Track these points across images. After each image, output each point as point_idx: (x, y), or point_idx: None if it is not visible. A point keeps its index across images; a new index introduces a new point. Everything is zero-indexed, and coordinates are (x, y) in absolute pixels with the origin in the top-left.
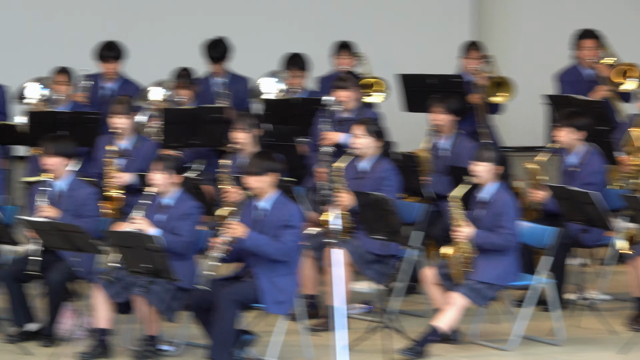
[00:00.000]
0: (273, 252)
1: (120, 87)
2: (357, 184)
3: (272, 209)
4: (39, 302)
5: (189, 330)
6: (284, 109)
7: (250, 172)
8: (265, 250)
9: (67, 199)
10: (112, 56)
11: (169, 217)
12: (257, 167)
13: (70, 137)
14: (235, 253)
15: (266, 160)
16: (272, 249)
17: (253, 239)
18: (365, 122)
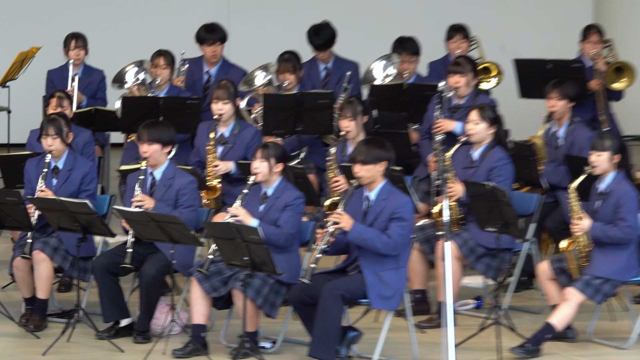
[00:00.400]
0: (379, 246)
1: (223, 71)
2: (468, 173)
3: (381, 200)
4: (132, 297)
5: (290, 327)
6: (393, 95)
7: (360, 160)
8: (371, 244)
9: (164, 188)
10: (214, 38)
11: (271, 208)
12: (367, 155)
13: (168, 123)
14: (339, 245)
15: (377, 148)
16: (379, 243)
17: (357, 231)
18: (481, 109)
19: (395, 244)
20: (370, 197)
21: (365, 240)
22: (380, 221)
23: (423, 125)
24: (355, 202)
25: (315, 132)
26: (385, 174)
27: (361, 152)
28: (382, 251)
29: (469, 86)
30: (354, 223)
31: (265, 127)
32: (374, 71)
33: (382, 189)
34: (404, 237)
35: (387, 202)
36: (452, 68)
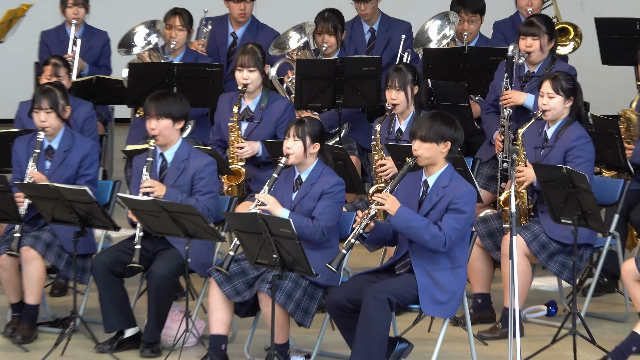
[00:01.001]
0: (427, 237)
1: (250, 32)
2: (541, 155)
3: (440, 187)
4: (139, 302)
5: (327, 337)
6: (451, 61)
7: (420, 136)
8: (418, 234)
9: (176, 172)
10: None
11: (305, 196)
12: (429, 131)
13: (182, 95)
14: (381, 232)
15: (443, 124)
16: (427, 234)
17: (402, 217)
18: (557, 78)
19: (446, 238)
20: (429, 182)
21: (412, 228)
22: (437, 211)
23: (487, 97)
24: (409, 187)
25: (358, 105)
26: (449, 157)
27: (423, 127)
28: (430, 245)
29: (543, 51)
30: (400, 207)
31: (299, 99)
32: (428, 32)
33: (442, 174)
34: (459, 232)
35: (447, 190)
36: (524, 29)
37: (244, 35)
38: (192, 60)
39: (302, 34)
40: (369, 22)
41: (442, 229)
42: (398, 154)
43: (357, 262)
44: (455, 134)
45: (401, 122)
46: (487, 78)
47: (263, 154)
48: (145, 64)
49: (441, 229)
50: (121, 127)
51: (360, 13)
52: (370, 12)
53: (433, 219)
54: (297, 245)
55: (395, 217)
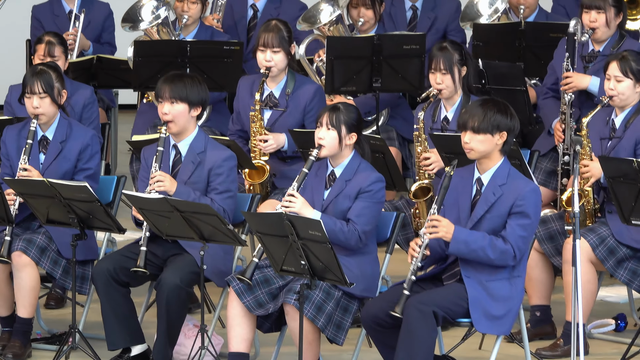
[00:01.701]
0: (494, 256)
1: (273, 4)
2: (608, 146)
3: (497, 185)
4: (147, 315)
5: (363, 356)
6: (506, 38)
7: (472, 127)
8: (482, 255)
9: (191, 165)
10: None
11: (340, 195)
12: (483, 120)
13: (199, 77)
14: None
15: (497, 112)
16: (492, 252)
17: (461, 241)
18: (626, 59)
19: (515, 250)
20: (483, 180)
21: (474, 251)
22: (496, 216)
23: (545, 79)
24: (458, 187)
25: (398, 89)
26: (504, 150)
27: (475, 116)
28: (497, 263)
29: (609, 26)
30: (456, 229)
31: (331, 82)
32: (478, 5)
33: (498, 170)
34: (527, 240)
35: (505, 190)
36: (588, 2)
37: (266, 6)
38: (207, 37)
39: (335, 6)
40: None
41: (509, 240)
42: (444, 145)
43: (398, 270)
44: (511, 122)
45: (447, 109)
46: (547, 58)
47: (289, 147)
48: (154, 42)
49: (506, 240)
50: (126, 115)
51: None
52: None
53: (490, 224)
54: (328, 250)
55: (452, 242)
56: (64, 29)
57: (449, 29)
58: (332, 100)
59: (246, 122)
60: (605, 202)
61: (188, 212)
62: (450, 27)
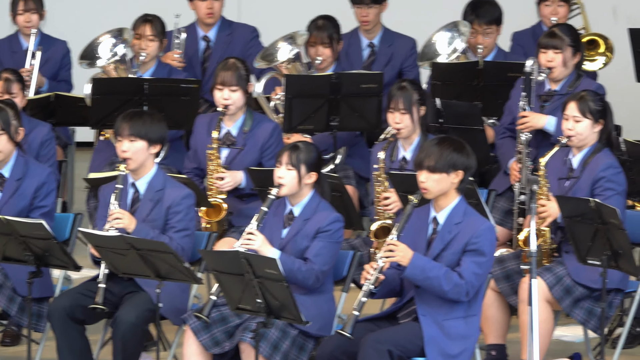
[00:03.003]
0: (447, 288)
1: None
2: (565, 186)
3: (453, 224)
4: (102, 352)
5: None
6: (463, 78)
7: (428, 166)
8: (436, 285)
9: (150, 204)
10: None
11: (298, 234)
12: (439, 159)
13: (157, 115)
14: (391, 284)
15: (453, 151)
16: (447, 284)
17: (418, 267)
18: (583, 99)
19: (469, 286)
20: (439, 219)
21: (430, 279)
22: (451, 253)
23: (502, 119)
24: (414, 225)
25: (356, 127)
26: (460, 188)
27: (431, 155)
28: (450, 295)
29: (567, 66)
30: (413, 255)
31: (289, 120)
32: (436, 45)
33: (455, 209)
34: (481, 277)
35: (461, 228)
36: (544, 41)
37: (218, 35)
38: (165, 74)
39: (292, 44)
40: (369, 34)
41: (463, 276)
42: (403, 184)
43: None
44: (467, 161)
45: (406, 148)
46: (505, 97)
47: (247, 185)
48: (111, 79)
49: (462, 276)
50: (83, 152)
51: (361, 20)
52: (373, 19)
53: (446, 262)
54: (285, 288)
55: (409, 267)
56: (22, 66)
57: (404, 65)
58: (289, 138)
59: (203, 160)
60: (562, 242)
61: (144, 249)
62: (406, 64)
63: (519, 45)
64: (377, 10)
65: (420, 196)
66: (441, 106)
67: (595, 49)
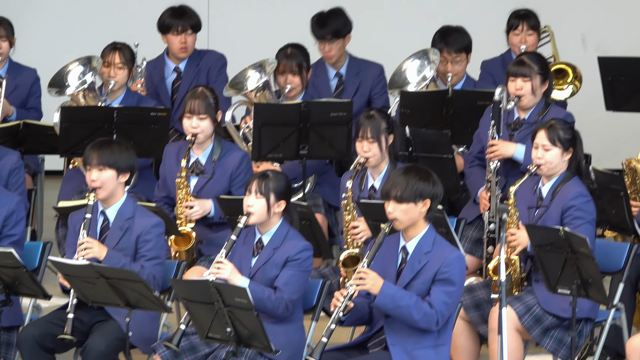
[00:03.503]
0: (417, 317)
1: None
2: (535, 215)
3: (423, 253)
4: None
5: None
6: (433, 106)
7: (395, 196)
8: (406, 314)
9: (119, 232)
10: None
11: (267, 262)
12: (406, 189)
13: (126, 143)
14: (360, 312)
15: (420, 180)
16: (417, 313)
17: (388, 295)
18: (552, 127)
19: (439, 315)
20: (408, 248)
21: (400, 308)
22: (421, 282)
23: (471, 148)
24: (384, 255)
25: (325, 156)
26: (429, 217)
27: (397, 185)
28: (420, 324)
29: (535, 94)
30: (384, 284)
31: (257, 148)
32: (405, 73)
33: (424, 238)
34: (450, 307)
35: (430, 257)
36: (513, 69)
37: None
38: (134, 103)
39: (261, 72)
40: (335, 65)
41: (433, 305)
42: (372, 213)
43: None
44: (434, 189)
45: (375, 177)
46: (474, 126)
47: (216, 214)
48: (80, 108)
49: (432, 305)
50: (52, 181)
51: (324, 55)
52: (336, 53)
53: (415, 291)
54: (254, 317)
55: (380, 296)
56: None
57: (373, 92)
58: (259, 166)
59: (172, 189)
60: (531, 271)
61: (114, 278)
62: (375, 91)
63: (488, 74)
64: (340, 44)
65: (390, 225)
66: (410, 134)
67: (564, 77)
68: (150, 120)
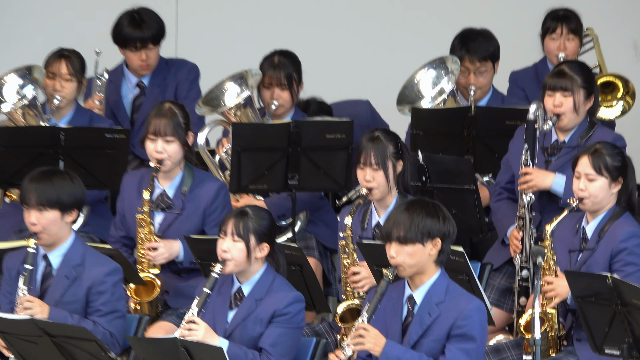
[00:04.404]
0: None
1: (160, 75)
2: (578, 260)
3: (433, 304)
4: None
5: None
6: (449, 126)
7: (398, 237)
8: None
9: (65, 282)
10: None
11: (249, 318)
12: (410, 228)
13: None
14: None
15: (427, 216)
16: None
17: (392, 357)
18: (599, 152)
19: None
20: (415, 298)
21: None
22: (432, 340)
23: (499, 177)
24: (387, 307)
25: (320, 187)
26: (440, 260)
27: (400, 224)
28: None
29: (578, 112)
30: (386, 343)
31: (237, 178)
32: (419, 85)
33: (434, 286)
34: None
35: (443, 308)
36: (551, 81)
37: (152, 80)
38: (85, 122)
39: (242, 85)
40: None
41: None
42: (376, 257)
43: None
44: (444, 226)
45: (380, 213)
46: (501, 151)
47: (185, 257)
48: (19, 128)
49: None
50: None
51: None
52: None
53: (427, 351)
54: None
55: (382, 358)
56: None
57: None
58: (238, 200)
59: (132, 227)
60: (573, 328)
61: (60, 336)
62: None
63: (519, 88)
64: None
65: (394, 271)
66: (424, 161)
67: (613, 92)
68: (106, 144)
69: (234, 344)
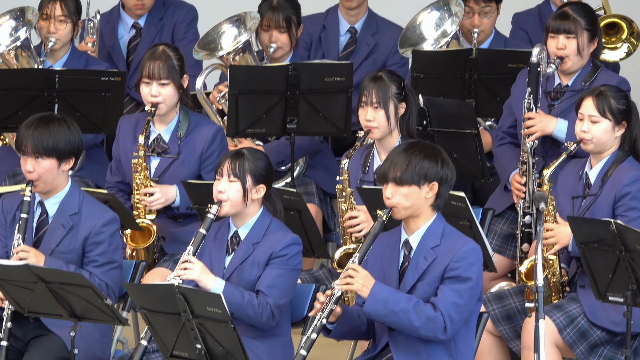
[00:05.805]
0: (418, 324)
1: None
2: (581, 205)
3: (429, 248)
4: None
5: None
6: (451, 68)
7: (394, 178)
8: (404, 321)
9: (61, 230)
10: None
11: (246, 261)
12: (406, 170)
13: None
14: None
15: (424, 158)
16: (417, 319)
17: (379, 299)
18: (603, 95)
19: (446, 321)
20: (411, 243)
21: (395, 313)
22: (428, 283)
23: (501, 121)
24: (383, 252)
25: (319, 131)
26: (437, 205)
27: (396, 165)
28: (423, 333)
29: (581, 55)
30: (375, 284)
31: (235, 122)
32: (421, 27)
33: (430, 230)
34: (463, 310)
35: (439, 252)
36: (554, 24)
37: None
38: (81, 65)
39: (240, 29)
40: (351, 17)
41: (439, 308)
42: (375, 201)
43: (316, 356)
44: (442, 170)
45: (382, 155)
46: (504, 94)
47: (182, 203)
48: (12, 71)
49: (436, 307)
50: None
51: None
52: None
53: (423, 294)
54: (231, 331)
55: (369, 299)
56: None
57: (389, 61)
58: (237, 145)
59: (128, 172)
60: (576, 274)
61: (56, 282)
62: (392, 61)
63: (522, 30)
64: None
65: (389, 212)
66: (425, 104)
67: (617, 34)
68: (101, 87)
69: (230, 285)
